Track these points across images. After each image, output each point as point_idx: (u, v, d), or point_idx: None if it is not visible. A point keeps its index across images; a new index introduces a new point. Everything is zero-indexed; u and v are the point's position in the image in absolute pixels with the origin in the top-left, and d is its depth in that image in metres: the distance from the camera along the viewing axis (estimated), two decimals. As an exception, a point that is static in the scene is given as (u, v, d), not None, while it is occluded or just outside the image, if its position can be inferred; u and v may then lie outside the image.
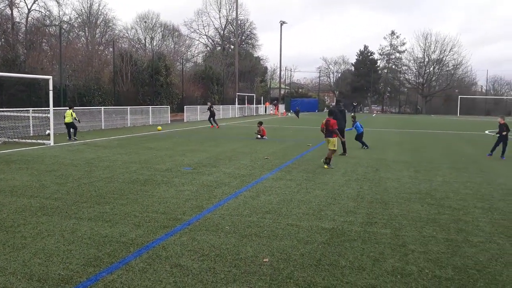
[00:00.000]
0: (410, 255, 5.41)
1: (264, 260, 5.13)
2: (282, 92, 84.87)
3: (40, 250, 5.34)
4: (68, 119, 18.78)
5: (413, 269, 4.95)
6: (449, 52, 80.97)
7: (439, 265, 5.11)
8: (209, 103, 31.92)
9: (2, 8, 37.73)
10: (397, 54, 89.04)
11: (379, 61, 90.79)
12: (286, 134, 24.32)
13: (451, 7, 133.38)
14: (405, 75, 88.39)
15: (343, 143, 14.55)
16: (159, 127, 26.17)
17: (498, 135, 15.19)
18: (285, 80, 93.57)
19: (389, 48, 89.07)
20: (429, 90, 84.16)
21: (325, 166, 12.13)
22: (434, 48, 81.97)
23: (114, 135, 21.76)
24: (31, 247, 5.42)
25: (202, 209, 7.43)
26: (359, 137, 17.14)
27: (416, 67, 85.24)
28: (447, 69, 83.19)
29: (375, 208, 7.64)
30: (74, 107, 20.65)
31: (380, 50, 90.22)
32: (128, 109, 30.00)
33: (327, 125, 12.34)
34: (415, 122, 42.86)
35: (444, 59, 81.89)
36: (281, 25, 71.81)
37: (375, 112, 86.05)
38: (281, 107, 61.10)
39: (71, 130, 18.91)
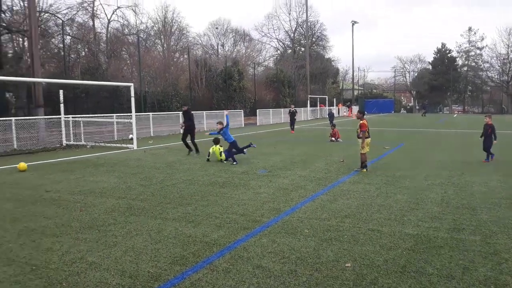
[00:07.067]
0: (503, 264, 5.07)
1: (347, 265, 5.05)
2: (356, 93, 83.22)
3: (130, 248, 5.64)
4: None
5: (508, 280, 4.64)
6: (537, 47, 75.11)
7: (538, 276, 4.74)
8: (292, 106, 30.01)
9: (85, 20, 40.42)
10: (477, 51, 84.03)
11: (458, 59, 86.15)
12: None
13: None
14: (487, 72, 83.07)
15: (194, 144, 16.18)
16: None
17: None
18: (358, 80, 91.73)
19: (467, 45, 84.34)
20: (515, 88, 78.53)
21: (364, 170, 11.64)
22: (520, 43, 76.40)
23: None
24: (122, 245, 5.74)
25: (280, 211, 7.47)
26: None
27: (499, 64, 79.87)
28: (535, 65, 77.18)
29: (461, 214, 7.25)
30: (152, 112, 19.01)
31: (457, 48, 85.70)
32: (204, 113, 30.87)
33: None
34: (500, 122, 40.17)
35: (531, 54, 76.08)
36: (353, 25, 70.63)
37: (456, 112, 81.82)
38: (355, 109, 59.92)
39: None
